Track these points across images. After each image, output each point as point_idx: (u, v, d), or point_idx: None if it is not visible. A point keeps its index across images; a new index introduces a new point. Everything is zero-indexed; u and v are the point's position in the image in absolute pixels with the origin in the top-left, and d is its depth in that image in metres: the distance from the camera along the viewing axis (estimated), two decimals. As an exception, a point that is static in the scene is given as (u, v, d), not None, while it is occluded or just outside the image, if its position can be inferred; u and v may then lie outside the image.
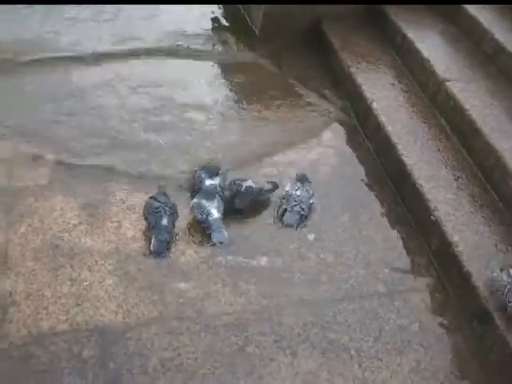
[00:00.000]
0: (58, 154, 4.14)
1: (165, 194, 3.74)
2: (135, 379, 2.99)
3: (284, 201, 3.93)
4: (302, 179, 4.04)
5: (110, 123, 4.57)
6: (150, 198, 3.71)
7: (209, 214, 3.73)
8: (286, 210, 3.90)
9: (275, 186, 4.01)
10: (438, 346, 3.32)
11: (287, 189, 3.98)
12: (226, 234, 3.72)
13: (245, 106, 4.91)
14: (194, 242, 3.70)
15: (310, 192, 3.97)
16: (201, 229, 3.74)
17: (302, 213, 3.89)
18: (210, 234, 3.71)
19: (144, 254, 3.56)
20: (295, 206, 3.89)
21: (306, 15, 5.51)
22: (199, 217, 3.73)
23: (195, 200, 3.80)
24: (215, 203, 3.77)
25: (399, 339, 3.32)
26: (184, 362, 3.07)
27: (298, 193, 3.93)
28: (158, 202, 3.65)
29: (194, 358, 3.09)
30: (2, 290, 3.28)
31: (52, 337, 3.11)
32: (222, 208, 3.79)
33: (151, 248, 3.58)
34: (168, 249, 3.61)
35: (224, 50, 5.57)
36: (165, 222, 3.60)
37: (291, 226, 3.87)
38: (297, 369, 3.12)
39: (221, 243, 3.68)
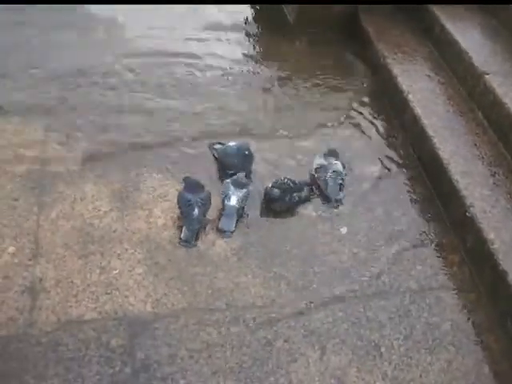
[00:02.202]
0: (90, 140, 4.13)
1: (198, 185, 3.72)
2: (163, 369, 2.98)
3: (329, 176, 3.97)
4: (334, 153, 4.10)
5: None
6: (184, 189, 3.69)
7: (227, 197, 3.70)
8: (327, 182, 3.95)
9: (306, 198, 3.94)
10: (469, 345, 3.26)
11: (325, 162, 4.03)
12: (233, 225, 3.67)
13: (280, 93, 4.86)
14: (225, 233, 3.68)
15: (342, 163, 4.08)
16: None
17: (342, 183, 3.99)
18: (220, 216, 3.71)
19: (174, 244, 3.54)
20: (336, 178, 3.96)
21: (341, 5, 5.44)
22: (221, 196, 3.74)
23: (228, 180, 3.80)
24: (240, 193, 3.72)
25: (430, 338, 3.26)
26: (212, 355, 3.05)
27: (336, 163, 4.03)
28: (191, 193, 3.63)
29: (222, 350, 3.07)
30: (33, 276, 3.28)
31: (81, 325, 3.11)
32: (245, 202, 3.74)
33: (181, 236, 3.57)
34: (197, 238, 3.59)
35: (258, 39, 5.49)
36: (196, 212, 3.57)
37: (340, 200, 3.93)
38: (326, 365, 3.08)
39: (224, 231, 3.64)
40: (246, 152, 3.99)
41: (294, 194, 3.81)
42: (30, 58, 4.88)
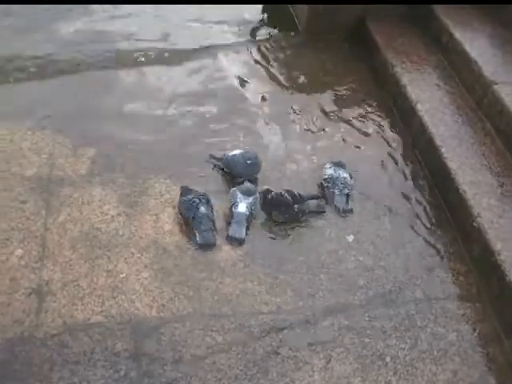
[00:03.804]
0: (98, 145, 4.13)
1: (190, 189, 3.76)
2: (167, 375, 2.99)
3: (337, 187, 3.98)
4: (340, 164, 4.11)
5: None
6: (180, 196, 3.73)
7: (235, 205, 3.70)
8: (334, 193, 3.97)
9: (311, 211, 3.91)
10: (475, 356, 3.25)
11: (334, 174, 4.03)
12: (244, 232, 3.66)
13: (287, 103, 4.82)
14: (232, 239, 3.68)
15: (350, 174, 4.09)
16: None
17: (350, 193, 4.00)
18: (229, 225, 3.70)
19: (181, 249, 3.54)
20: (343, 189, 3.97)
21: (351, 12, 5.43)
22: (229, 204, 3.74)
23: (234, 188, 3.81)
24: (248, 200, 3.72)
25: (435, 348, 3.26)
26: (216, 361, 3.06)
27: (345, 175, 4.04)
28: (189, 195, 3.68)
29: (227, 357, 3.08)
30: (39, 279, 3.29)
31: (86, 328, 3.12)
32: (255, 209, 3.74)
33: (198, 241, 3.56)
34: (215, 237, 3.60)
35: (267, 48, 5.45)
36: (203, 210, 3.60)
37: (349, 210, 3.93)
38: (330, 373, 3.08)
39: (235, 239, 3.63)
40: (255, 159, 3.99)
41: (295, 206, 3.78)
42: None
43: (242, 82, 4.97)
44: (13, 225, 3.55)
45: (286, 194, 3.79)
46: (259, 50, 5.37)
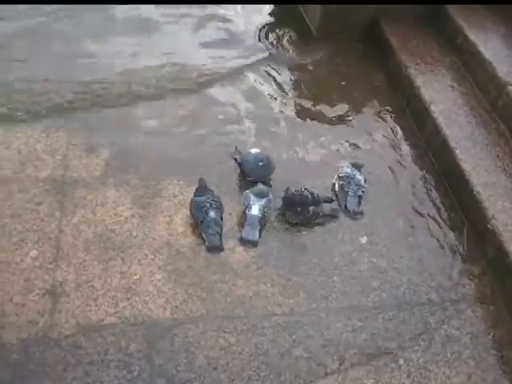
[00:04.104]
0: (112, 147, 4.14)
1: (206, 187, 3.76)
2: (180, 376, 2.99)
3: (351, 188, 3.96)
4: (358, 164, 4.09)
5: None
6: (194, 195, 3.72)
7: (248, 207, 3.70)
8: (348, 193, 3.95)
9: (325, 214, 3.89)
10: (489, 359, 3.24)
11: (351, 173, 4.01)
12: (257, 235, 3.65)
13: (301, 104, 4.83)
14: (244, 240, 3.67)
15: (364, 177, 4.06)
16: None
17: (362, 196, 3.98)
18: (242, 227, 3.69)
19: (194, 250, 3.55)
20: (357, 191, 3.96)
21: (365, 13, 5.41)
22: (242, 206, 3.74)
23: (247, 190, 3.80)
24: (261, 202, 3.71)
25: (449, 351, 3.25)
26: (230, 362, 3.06)
27: (360, 177, 4.01)
28: (202, 197, 3.67)
29: (240, 358, 3.08)
30: (53, 280, 3.30)
31: (100, 329, 3.13)
32: (268, 211, 3.71)
33: (206, 244, 3.57)
34: (221, 241, 3.59)
35: (280, 49, 5.46)
36: (212, 215, 3.60)
37: (359, 212, 3.91)
38: (343, 375, 3.08)
39: (248, 241, 3.62)
40: (267, 161, 3.97)
41: (310, 208, 3.78)
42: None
43: (254, 84, 4.99)
44: (27, 226, 3.56)
45: (307, 192, 3.80)
46: (271, 52, 5.37)
